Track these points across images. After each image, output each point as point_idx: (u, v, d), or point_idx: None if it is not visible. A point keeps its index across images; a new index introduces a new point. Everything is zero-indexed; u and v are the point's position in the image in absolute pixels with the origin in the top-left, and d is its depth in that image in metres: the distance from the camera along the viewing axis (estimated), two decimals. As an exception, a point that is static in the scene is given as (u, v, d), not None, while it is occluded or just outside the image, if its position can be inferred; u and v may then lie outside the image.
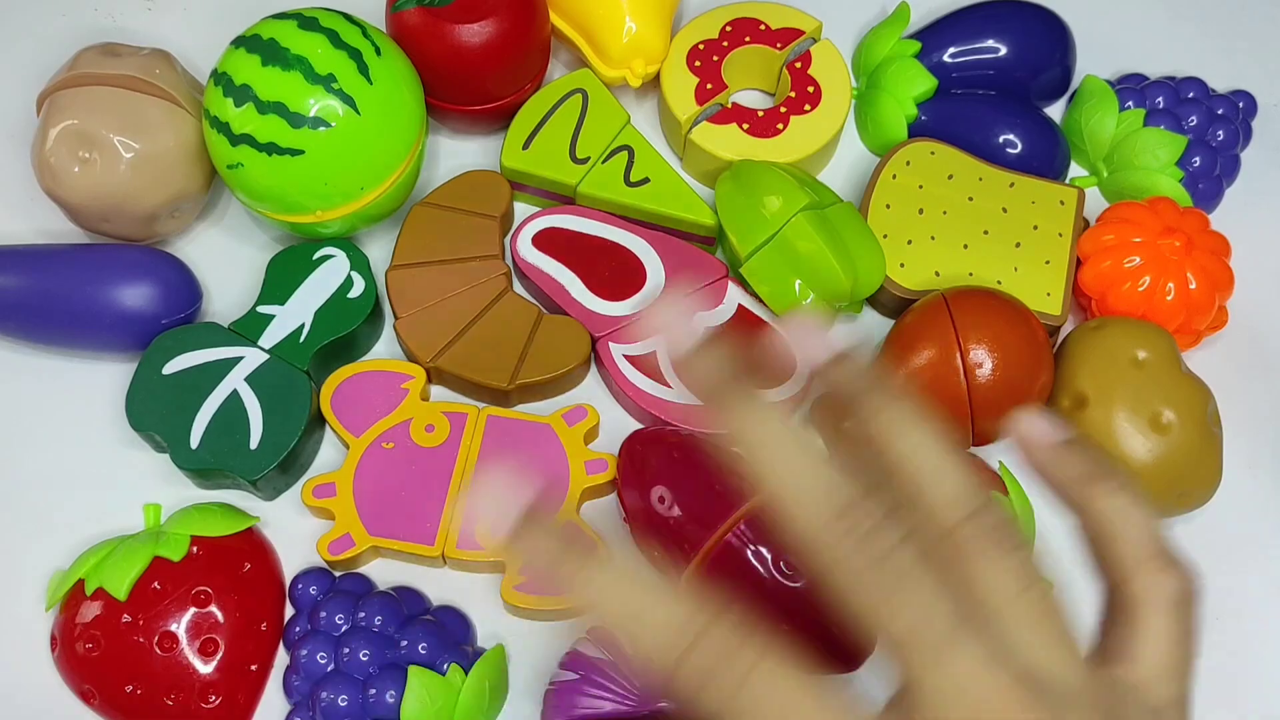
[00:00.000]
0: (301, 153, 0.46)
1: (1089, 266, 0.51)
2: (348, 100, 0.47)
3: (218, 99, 0.47)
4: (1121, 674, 0.25)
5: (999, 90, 0.56)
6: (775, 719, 0.22)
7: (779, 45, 0.56)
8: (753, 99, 0.58)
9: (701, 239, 0.53)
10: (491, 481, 0.25)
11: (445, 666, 0.42)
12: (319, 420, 0.49)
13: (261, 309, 0.50)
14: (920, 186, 0.53)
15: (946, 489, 0.25)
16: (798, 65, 0.55)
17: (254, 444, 0.47)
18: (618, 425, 0.50)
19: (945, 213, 0.52)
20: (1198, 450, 0.46)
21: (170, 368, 0.48)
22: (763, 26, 0.56)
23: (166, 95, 0.50)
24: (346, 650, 0.42)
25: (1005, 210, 0.52)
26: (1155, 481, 0.45)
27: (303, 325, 0.49)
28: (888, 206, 0.52)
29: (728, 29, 0.56)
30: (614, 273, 0.52)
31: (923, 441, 0.25)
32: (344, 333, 0.49)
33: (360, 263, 0.51)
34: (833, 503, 0.24)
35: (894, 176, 0.53)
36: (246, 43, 0.47)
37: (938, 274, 0.51)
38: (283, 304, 0.50)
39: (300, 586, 0.45)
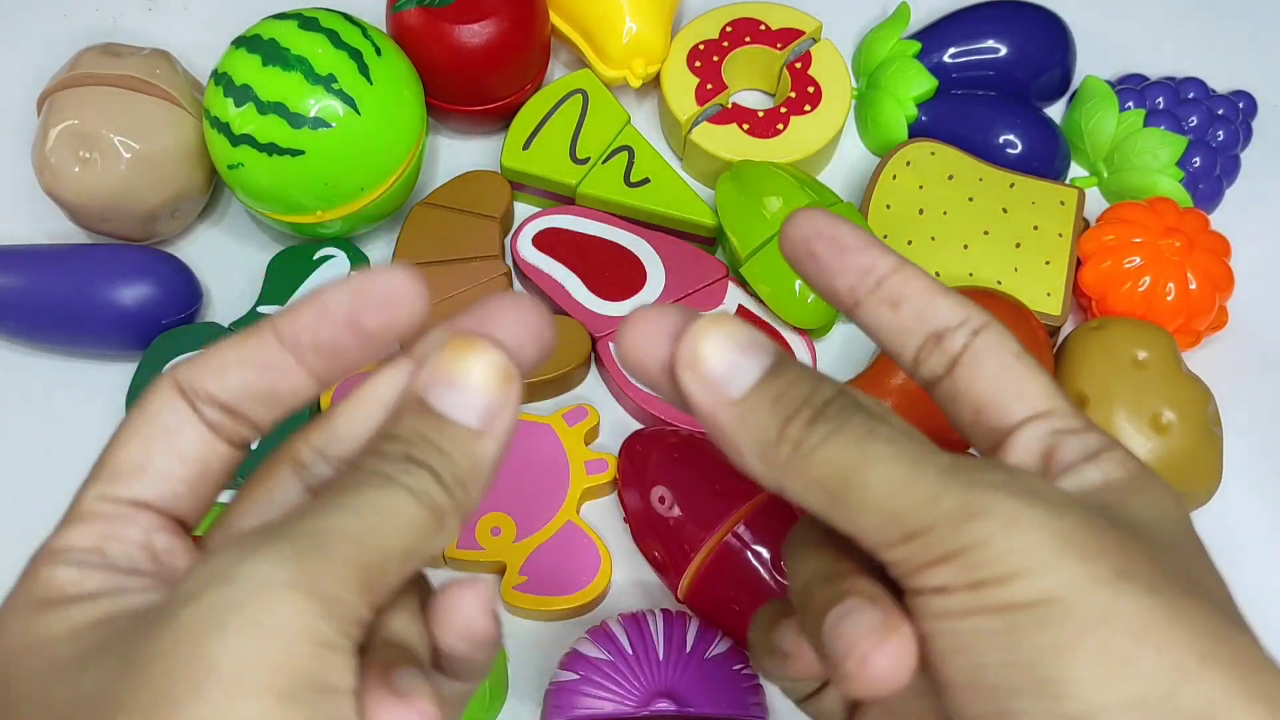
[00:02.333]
0: (302, 153, 0.46)
1: (1089, 267, 0.51)
2: (348, 100, 0.47)
3: (218, 99, 0.47)
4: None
5: (999, 90, 0.56)
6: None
7: (779, 45, 0.56)
8: (753, 99, 0.58)
9: (701, 239, 0.53)
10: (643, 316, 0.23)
11: (445, 666, 0.42)
12: (319, 420, 0.49)
13: (262, 309, 0.50)
14: (920, 187, 0.53)
15: None
16: (798, 65, 0.55)
17: (253, 444, 0.47)
18: (618, 425, 0.50)
19: (945, 213, 0.52)
20: (1198, 450, 0.46)
21: (170, 368, 0.48)
22: (763, 27, 0.56)
23: (166, 95, 0.50)
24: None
25: (1005, 211, 0.52)
26: (1155, 482, 0.45)
27: (303, 325, 0.49)
28: (888, 207, 0.52)
29: (728, 29, 0.56)
30: (614, 273, 0.52)
31: None
32: (344, 333, 0.49)
33: (360, 263, 0.51)
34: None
35: (894, 177, 0.53)
36: (247, 43, 0.47)
37: (938, 274, 0.51)
38: (283, 304, 0.50)
39: (300, 586, 0.45)
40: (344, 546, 0.19)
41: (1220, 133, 0.54)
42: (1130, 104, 0.55)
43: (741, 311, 0.51)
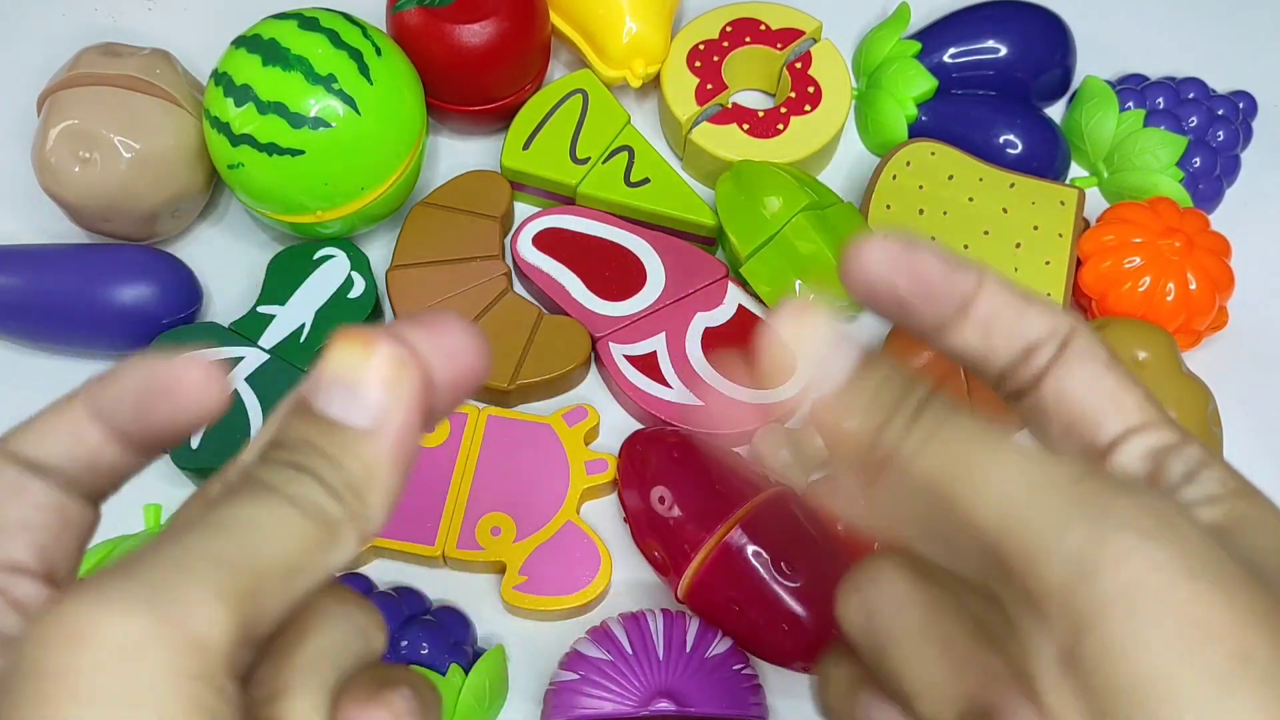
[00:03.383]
0: (302, 153, 0.46)
1: (1089, 267, 0.51)
2: (348, 100, 0.47)
3: (218, 99, 0.47)
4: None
5: (999, 90, 0.56)
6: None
7: (779, 45, 0.56)
8: (753, 99, 0.58)
9: (701, 239, 0.53)
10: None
11: (445, 666, 0.42)
12: (319, 420, 0.49)
13: (262, 309, 0.50)
14: (920, 187, 0.53)
15: None
16: (798, 65, 0.55)
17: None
18: (618, 425, 0.50)
19: (945, 213, 0.52)
20: (1198, 450, 0.46)
21: None
22: (763, 27, 0.56)
23: (166, 95, 0.50)
24: (346, 650, 0.42)
25: (1005, 211, 0.52)
26: (1155, 482, 0.45)
27: (303, 325, 0.49)
28: (888, 207, 0.52)
29: (728, 29, 0.56)
30: (614, 273, 0.52)
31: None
32: (344, 333, 0.49)
33: (360, 263, 0.51)
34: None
35: (894, 177, 0.53)
36: (247, 43, 0.47)
37: (938, 274, 0.51)
38: (283, 304, 0.50)
39: (300, 586, 0.45)
40: (208, 572, 0.17)
41: (1220, 133, 0.54)
42: (1130, 104, 0.55)
43: (741, 311, 0.51)
